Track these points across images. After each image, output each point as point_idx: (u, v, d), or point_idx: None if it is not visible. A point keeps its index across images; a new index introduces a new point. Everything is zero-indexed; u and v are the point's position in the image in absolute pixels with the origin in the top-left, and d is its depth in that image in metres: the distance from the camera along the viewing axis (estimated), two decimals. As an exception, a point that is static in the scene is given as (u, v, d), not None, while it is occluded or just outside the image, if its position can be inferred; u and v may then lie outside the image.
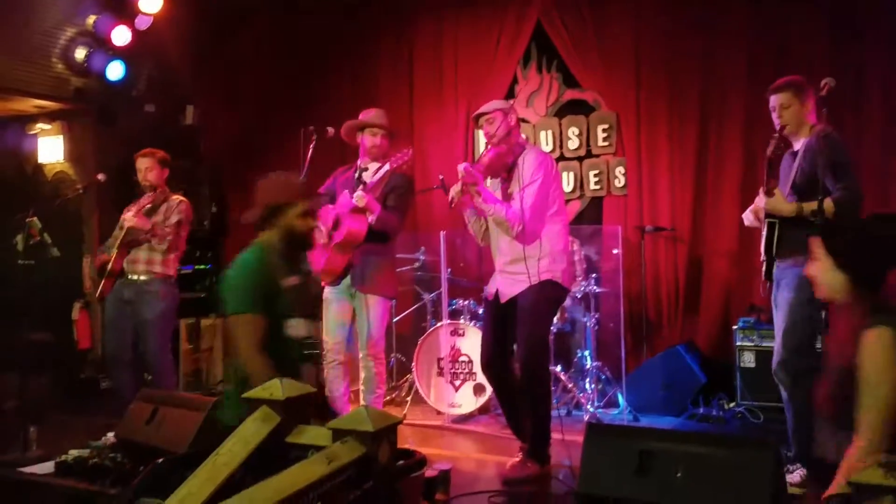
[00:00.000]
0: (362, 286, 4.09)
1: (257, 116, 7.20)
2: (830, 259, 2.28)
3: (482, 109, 3.95)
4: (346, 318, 4.19)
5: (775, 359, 3.53)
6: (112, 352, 4.71)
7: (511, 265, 3.87)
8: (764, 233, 3.53)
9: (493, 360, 3.99)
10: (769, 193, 3.46)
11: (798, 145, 3.54)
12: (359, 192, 3.91)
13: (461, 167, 3.78)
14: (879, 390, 2.04)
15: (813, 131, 3.43)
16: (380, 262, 4.14)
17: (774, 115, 3.57)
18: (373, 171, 4.14)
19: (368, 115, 4.32)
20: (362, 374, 4.19)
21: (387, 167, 3.94)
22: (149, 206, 4.59)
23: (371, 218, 3.98)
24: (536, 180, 3.77)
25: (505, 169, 3.92)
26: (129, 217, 4.51)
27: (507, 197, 3.88)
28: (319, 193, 4.25)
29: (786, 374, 3.47)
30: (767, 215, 3.50)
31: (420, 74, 6.59)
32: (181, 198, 4.82)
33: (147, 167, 4.72)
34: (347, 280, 4.15)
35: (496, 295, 3.97)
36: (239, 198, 7.34)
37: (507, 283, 3.91)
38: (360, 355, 4.13)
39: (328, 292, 4.22)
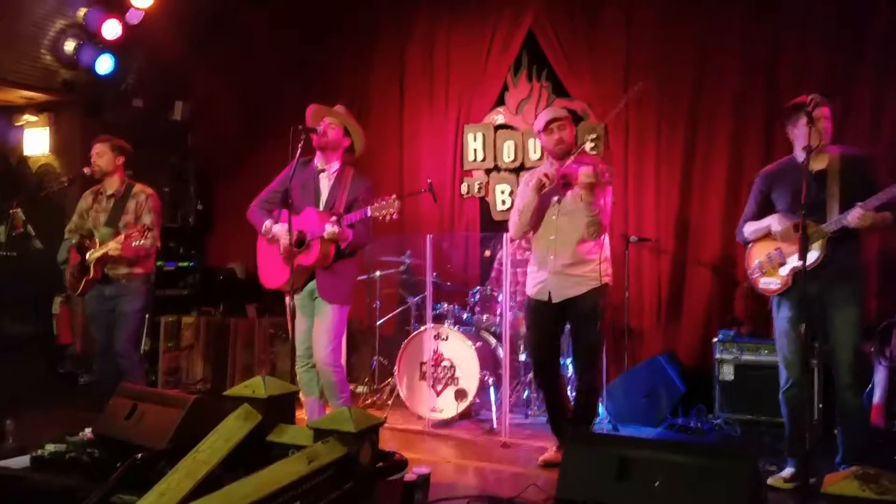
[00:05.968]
0: (324, 293, 4.06)
1: (246, 114, 7.18)
2: None
3: (554, 115, 4.01)
4: (311, 324, 4.15)
5: (843, 379, 3.50)
6: (99, 346, 4.66)
7: (572, 267, 3.96)
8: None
9: (548, 361, 4.12)
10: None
11: (821, 164, 3.58)
12: (330, 229, 3.86)
13: (591, 170, 3.78)
14: None
15: (839, 152, 3.61)
16: (344, 272, 4.11)
17: (827, 124, 3.56)
18: (329, 173, 4.13)
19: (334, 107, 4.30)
20: (322, 382, 4.14)
21: (368, 212, 3.89)
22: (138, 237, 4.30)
23: (343, 245, 3.98)
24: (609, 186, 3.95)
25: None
26: (114, 246, 4.34)
27: (574, 202, 3.93)
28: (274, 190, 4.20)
29: (856, 390, 3.54)
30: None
31: (411, 77, 6.58)
32: (145, 190, 4.65)
33: (97, 152, 4.60)
34: (311, 285, 4.11)
35: (549, 296, 4.02)
36: (225, 195, 7.32)
37: (567, 284, 3.98)
38: (318, 364, 4.07)
39: (295, 300, 4.09)
